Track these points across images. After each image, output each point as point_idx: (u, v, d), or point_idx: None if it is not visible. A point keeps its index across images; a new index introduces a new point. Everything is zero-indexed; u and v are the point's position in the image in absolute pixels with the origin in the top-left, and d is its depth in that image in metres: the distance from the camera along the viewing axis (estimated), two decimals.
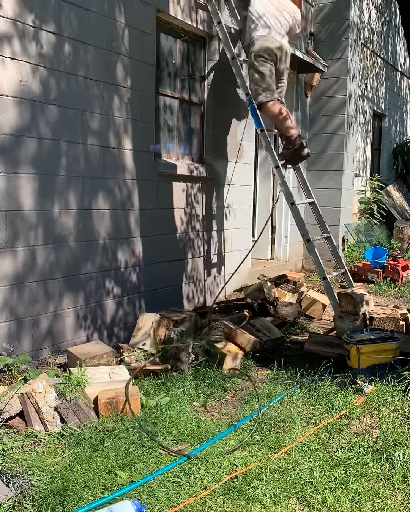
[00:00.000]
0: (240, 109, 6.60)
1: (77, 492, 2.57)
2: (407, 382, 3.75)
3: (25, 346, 4.07)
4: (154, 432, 3.18)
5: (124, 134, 4.89)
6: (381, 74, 10.96)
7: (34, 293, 4.17)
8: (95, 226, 4.67)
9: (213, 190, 6.23)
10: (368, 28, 9.77)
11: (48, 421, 3.15)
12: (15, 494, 2.50)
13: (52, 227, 4.27)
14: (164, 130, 5.73)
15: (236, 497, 2.60)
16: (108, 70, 4.67)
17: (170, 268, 5.64)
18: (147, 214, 5.25)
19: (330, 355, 4.38)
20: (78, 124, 4.43)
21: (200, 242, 6.09)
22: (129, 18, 4.85)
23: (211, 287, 6.36)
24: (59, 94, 4.23)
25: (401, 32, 11.37)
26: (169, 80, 5.76)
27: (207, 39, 6.10)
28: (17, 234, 4.00)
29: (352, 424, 3.37)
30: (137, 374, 3.93)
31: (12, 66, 3.85)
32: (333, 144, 8.18)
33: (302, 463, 2.89)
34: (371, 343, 4.00)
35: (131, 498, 2.50)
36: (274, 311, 5.51)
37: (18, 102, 3.92)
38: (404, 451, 2.97)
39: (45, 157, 4.17)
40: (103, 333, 4.83)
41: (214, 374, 4.08)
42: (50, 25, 4.11)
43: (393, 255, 8.23)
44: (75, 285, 4.52)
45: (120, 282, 4.99)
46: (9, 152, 3.90)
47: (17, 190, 3.97)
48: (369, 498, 2.60)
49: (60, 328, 4.41)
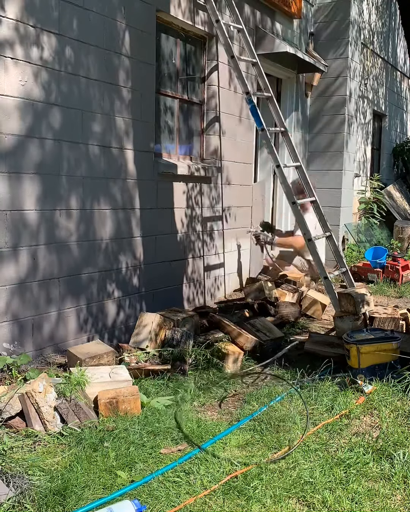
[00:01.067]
0: (241, 108, 6.61)
1: (77, 492, 2.57)
2: (407, 382, 3.75)
3: (25, 346, 4.07)
4: (154, 432, 3.18)
5: (124, 134, 4.89)
6: (381, 74, 10.97)
7: (35, 294, 4.17)
8: (96, 226, 4.67)
9: (213, 190, 6.23)
10: (368, 28, 9.77)
11: (48, 421, 3.15)
12: (15, 494, 2.51)
13: (52, 227, 4.27)
14: (164, 130, 5.73)
15: (236, 497, 2.60)
16: (108, 70, 4.67)
17: (170, 268, 5.64)
18: (148, 214, 5.25)
19: (330, 355, 4.38)
20: (78, 124, 4.43)
21: (200, 242, 6.09)
22: (130, 18, 4.85)
23: (211, 287, 6.36)
24: (59, 94, 4.23)
25: (401, 33, 11.37)
26: (170, 80, 5.76)
27: (207, 39, 6.10)
28: (17, 235, 4.00)
29: (352, 424, 3.37)
30: (138, 374, 3.93)
31: (12, 66, 3.85)
32: (333, 144, 8.18)
33: (302, 463, 2.89)
34: (371, 343, 4.00)
35: (131, 498, 2.50)
36: (274, 311, 5.51)
37: (19, 102, 3.92)
38: (404, 451, 2.97)
39: (45, 157, 4.17)
40: (103, 333, 4.83)
41: (214, 374, 4.08)
42: (50, 25, 4.11)
43: (393, 255, 8.23)
44: (75, 285, 4.52)
45: (120, 282, 4.99)
46: (10, 152, 3.90)
47: (16, 190, 3.97)
48: (369, 498, 2.60)
49: (60, 328, 4.41)
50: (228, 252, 6.63)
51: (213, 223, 6.28)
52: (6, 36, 3.78)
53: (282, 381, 4.04)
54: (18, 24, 3.86)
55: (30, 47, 3.97)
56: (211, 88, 6.17)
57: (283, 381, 4.04)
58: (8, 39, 3.80)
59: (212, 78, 6.16)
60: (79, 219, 4.51)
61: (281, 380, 4.07)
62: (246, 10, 6.58)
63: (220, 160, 6.31)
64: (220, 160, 6.31)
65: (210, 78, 6.17)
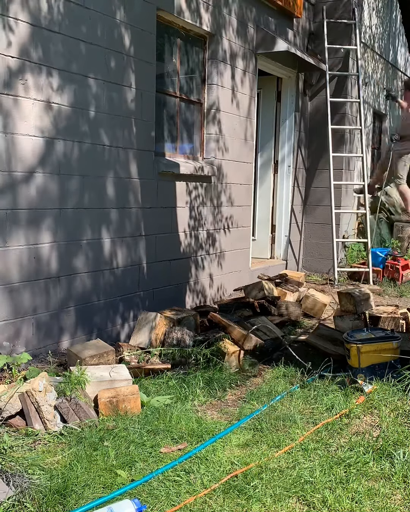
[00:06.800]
0: (241, 108, 6.60)
1: (77, 491, 2.57)
2: (407, 381, 3.75)
3: (25, 345, 4.07)
4: (154, 431, 3.18)
5: (124, 133, 4.88)
6: (382, 74, 10.95)
7: (34, 292, 4.17)
8: (96, 225, 4.67)
9: (213, 189, 6.23)
10: (370, 27, 9.76)
11: (48, 420, 3.15)
12: (15, 493, 2.50)
13: (52, 226, 4.27)
14: (164, 129, 5.73)
15: (236, 496, 2.60)
16: (108, 68, 4.67)
17: (171, 267, 5.64)
18: (148, 213, 5.25)
19: (329, 352, 4.38)
20: (77, 122, 4.42)
21: (201, 241, 6.09)
22: (130, 16, 4.84)
23: (211, 286, 6.36)
24: (59, 93, 4.23)
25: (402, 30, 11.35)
26: (170, 79, 5.76)
27: (207, 38, 6.09)
28: (16, 232, 4.00)
29: (352, 423, 3.37)
30: (138, 373, 3.93)
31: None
32: (334, 143, 8.16)
33: (302, 462, 2.89)
34: (371, 342, 4.00)
35: (131, 497, 2.50)
36: (274, 310, 5.51)
37: (20, 102, 3.92)
38: (404, 450, 2.97)
39: (46, 157, 4.16)
40: (103, 332, 4.83)
41: (214, 373, 4.08)
42: (50, 24, 4.11)
43: (393, 254, 8.23)
44: (75, 283, 4.52)
45: (120, 281, 4.99)
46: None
47: (15, 190, 3.97)
48: (369, 498, 2.60)
49: (60, 327, 4.41)
50: (228, 251, 6.63)
51: (213, 222, 6.27)
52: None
53: (281, 380, 4.04)
54: (17, 22, 3.86)
55: (29, 46, 3.96)
56: (211, 87, 6.17)
57: (283, 380, 4.04)
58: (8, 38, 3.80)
59: (212, 77, 6.15)
60: (78, 217, 4.50)
61: (281, 379, 4.07)
62: (246, 9, 6.56)
63: (220, 159, 6.30)
64: (220, 159, 6.30)
65: (210, 77, 6.16)
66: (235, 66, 6.41)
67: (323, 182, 8.42)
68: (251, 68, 6.77)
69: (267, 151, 8.18)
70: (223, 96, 6.26)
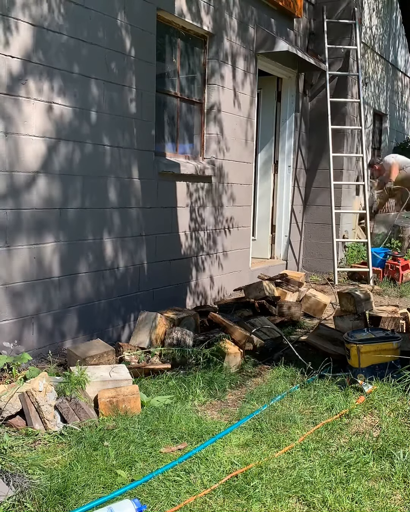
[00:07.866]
0: (241, 108, 6.60)
1: (77, 491, 2.57)
2: (407, 381, 3.75)
3: (25, 345, 4.07)
4: (154, 431, 3.18)
5: (124, 133, 4.88)
6: (382, 74, 10.95)
7: (35, 292, 4.17)
8: (96, 225, 4.67)
9: (213, 189, 6.23)
10: (370, 27, 9.76)
11: (48, 419, 3.15)
12: (15, 493, 2.50)
13: (53, 227, 4.27)
14: (165, 129, 5.73)
15: (236, 496, 2.60)
16: (108, 68, 4.67)
17: (171, 267, 5.64)
18: (148, 213, 5.25)
19: (330, 352, 4.37)
20: (77, 123, 4.42)
21: (201, 241, 6.09)
22: (130, 16, 4.84)
23: (211, 286, 6.36)
24: (59, 93, 4.23)
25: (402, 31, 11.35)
26: (170, 79, 5.76)
27: (207, 38, 6.10)
28: (16, 232, 4.00)
29: (352, 423, 3.37)
30: (138, 373, 3.94)
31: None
32: (334, 144, 8.16)
33: (302, 462, 2.89)
34: (372, 343, 4.00)
35: (131, 497, 2.50)
36: (274, 310, 5.51)
37: (20, 102, 3.92)
38: (404, 451, 2.97)
39: (45, 157, 4.16)
40: (103, 332, 4.83)
41: (214, 373, 4.08)
42: (50, 23, 4.11)
43: (393, 254, 8.23)
44: (76, 283, 4.52)
45: (121, 281, 4.99)
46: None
47: (16, 190, 3.97)
48: (369, 498, 2.60)
49: (60, 327, 4.41)
50: (228, 251, 6.63)
51: (213, 222, 6.27)
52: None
53: (282, 380, 4.04)
54: (17, 22, 3.86)
55: (29, 47, 3.96)
56: (211, 87, 6.17)
57: (283, 380, 4.04)
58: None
59: (213, 77, 6.15)
60: (79, 218, 4.50)
61: (281, 379, 4.07)
62: (247, 9, 6.57)
63: (220, 159, 6.30)
64: (220, 159, 6.30)
65: (210, 78, 6.16)
66: (235, 66, 6.42)
67: (323, 182, 8.42)
68: (251, 68, 6.77)
69: (267, 151, 8.18)
70: (223, 96, 6.26)
